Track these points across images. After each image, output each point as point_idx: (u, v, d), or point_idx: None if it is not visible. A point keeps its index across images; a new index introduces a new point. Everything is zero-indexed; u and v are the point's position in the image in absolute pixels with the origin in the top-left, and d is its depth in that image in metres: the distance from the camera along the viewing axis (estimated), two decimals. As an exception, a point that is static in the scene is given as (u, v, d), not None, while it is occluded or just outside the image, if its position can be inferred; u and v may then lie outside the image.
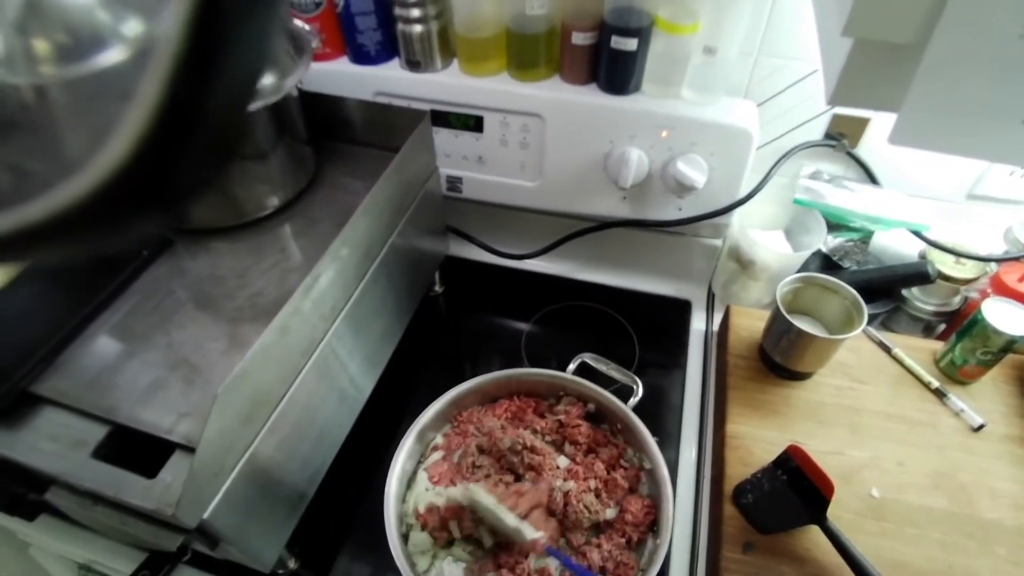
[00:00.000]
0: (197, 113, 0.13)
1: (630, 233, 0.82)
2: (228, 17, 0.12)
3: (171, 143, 0.13)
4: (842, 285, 0.66)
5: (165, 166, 0.13)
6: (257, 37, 0.13)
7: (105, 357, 0.54)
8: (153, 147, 0.12)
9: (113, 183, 0.13)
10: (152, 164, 0.13)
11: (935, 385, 0.69)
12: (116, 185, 0.13)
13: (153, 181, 0.13)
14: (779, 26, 0.68)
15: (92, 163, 0.13)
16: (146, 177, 0.13)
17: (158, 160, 0.13)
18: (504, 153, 0.78)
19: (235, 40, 0.12)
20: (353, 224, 0.56)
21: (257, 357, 0.46)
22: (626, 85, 0.70)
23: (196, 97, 0.12)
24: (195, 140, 0.13)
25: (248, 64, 0.13)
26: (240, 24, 0.12)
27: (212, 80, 0.12)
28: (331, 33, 0.75)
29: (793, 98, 0.72)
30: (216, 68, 0.12)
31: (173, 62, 0.12)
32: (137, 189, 0.13)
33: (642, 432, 0.59)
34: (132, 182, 0.13)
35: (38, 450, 0.48)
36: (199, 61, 0.12)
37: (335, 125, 0.73)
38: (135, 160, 0.12)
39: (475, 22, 0.71)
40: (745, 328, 0.74)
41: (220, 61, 0.12)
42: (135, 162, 0.12)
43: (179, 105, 0.12)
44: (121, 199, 0.13)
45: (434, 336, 0.83)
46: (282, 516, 0.56)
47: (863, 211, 0.74)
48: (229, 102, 0.13)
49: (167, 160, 0.13)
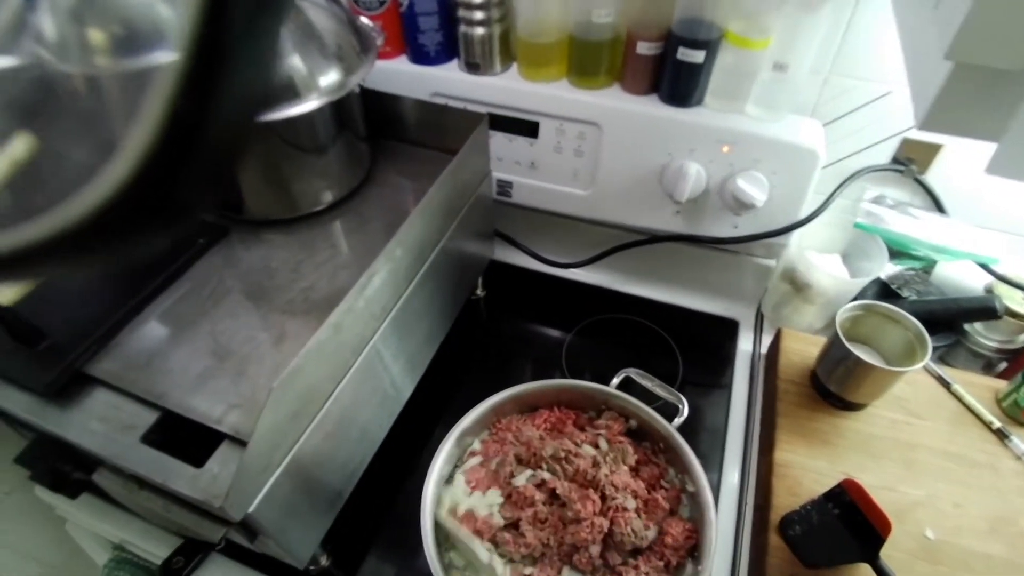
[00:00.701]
0: (198, 130, 0.13)
1: (681, 248, 0.80)
2: (230, 37, 0.12)
3: (173, 160, 0.13)
4: (905, 315, 0.63)
5: (168, 182, 0.13)
6: (259, 58, 0.13)
7: (158, 342, 0.54)
8: (155, 164, 0.13)
9: (117, 200, 0.13)
10: (155, 180, 0.13)
11: (996, 425, 0.66)
12: (120, 202, 0.13)
13: (156, 197, 0.13)
14: (853, 46, 0.66)
15: (96, 181, 0.13)
16: (149, 193, 0.13)
17: (161, 176, 0.13)
18: (558, 160, 0.77)
19: (237, 60, 0.12)
20: (408, 225, 0.56)
21: (311, 353, 0.46)
22: (689, 97, 0.69)
23: (198, 115, 0.13)
24: (197, 156, 0.13)
25: (250, 84, 0.13)
26: (242, 45, 0.12)
27: (214, 98, 0.13)
28: (392, 31, 0.75)
29: (862, 119, 0.70)
30: (218, 87, 0.12)
31: (175, 80, 0.12)
32: (140, 205, 0.13)
33: (687, 453, 0.57)
34: (135, 198, 0.13)
35: (89, 431, 0.49)
36: (201, 80, 0.12)
37: (391, 123, 0.73)
38: (138, 177, 0.13)
39: (538, 27, 0.70)
40: (796, 353, 0.72)
41: (222, 80, 0.12)
42: (138, 179, 0.13)
43: (180, 123, 0.12)
44: (125, 215, 0.13)
45: (473, 340, 0.83)
46: (320, 513, 0.56)
47: (927, 240, 0.72)
48: (231, 120, 0.13)
49: (169, 176, 0.13)
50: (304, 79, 0.56)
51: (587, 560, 0.55)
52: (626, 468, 0.60)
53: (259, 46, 0.13)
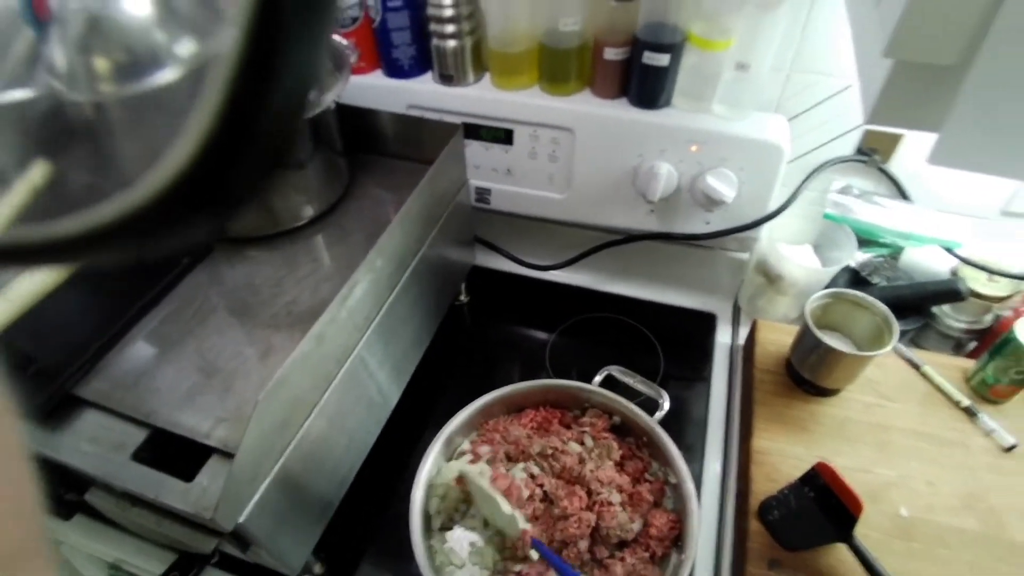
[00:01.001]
0: (257, 117, 0.13)
1: (656, 246, 0.82)
2: (287, 23, 0.12)
3: (232, 146, 0.13)
4: (873, 301, 0.65)
5: (226, 169, 0.13)
6: (313, 43, 0.13)
7: (145, 362, 0.55)
8: (215, 150, 0.13)
9: (178, 185, 0.13)
10: (214, 167, 0.13)
11: (966, 404, 0.68)
12: (181, 187, 0.13)
13: (214, 184, 0.14)
14: (812, 43, 0.68)
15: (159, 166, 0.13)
16: (208, 179, 0.13)
17: (220, 163, 0.13)
18: (533, 166, 0.79)
19: (294, 45, 0.13)
20: (388, 235, 0.57)
21: (296, 364, 0.47)
22: (657, 100, 0.71)
23: (257, 101, 0.13)
24: (255, 144, 0.13)
25: (305, 69, 0.13)
26: (298, 30, 0.13)
27: (272, 84, 0.13)
28: (366, 47, 0.77)
29: (825, 113, 0.72)
30: (276, 72, 0.13)
31: (235, 67, 0.12)
32: (199, 192, 0.13)
33: (668, 446, 0.59)
34: (195, 184, 0.13)
35: (80, 452, 0.50)
36: (259, 66, 0.12)
37: (369, 137, 0.74)
38: (199, 162, 0.13)
39: (508, 38, 0.72)
40: (772, 343, 0.74)
41: (279, 66, 0.13)
42: (199, 164, 0.13)
43: (240, 109, 0.13)
44: (184, 201, 0.13)
45: (459, 345, 0.84)
46: (311, 521, 0.57)
47: (894, 227, 0.74)
48: (287, 106, 0.13)
49: (228, 163, 0.13)
50: (279, 98, 0.57)
51: (576, 554, 0.57)
52: (611, 463, 0.61)
53: (314, 27, 0.13)
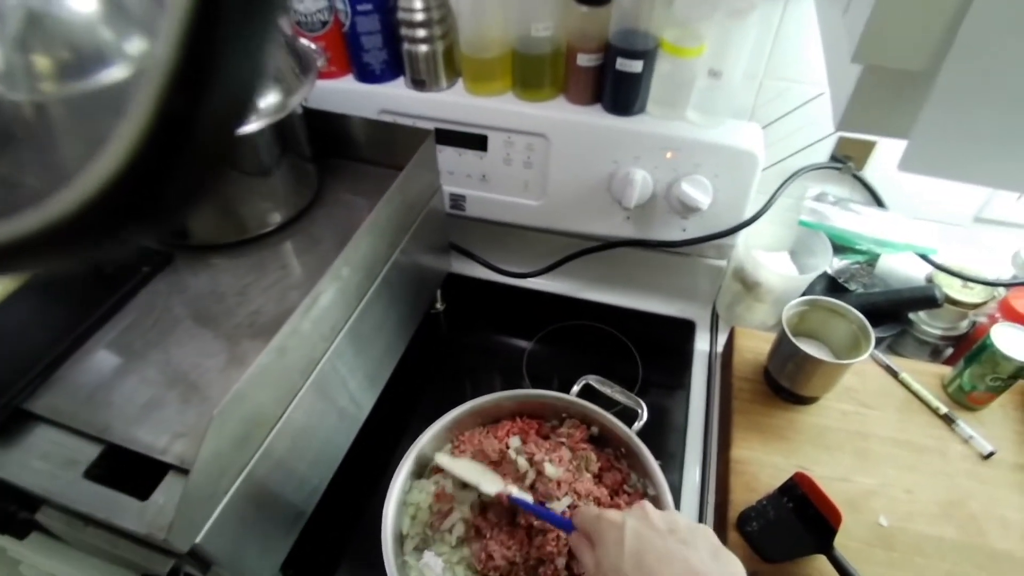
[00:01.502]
0: (188, 128, 0.13)
1: (634, 253, 0.81)
2: (222, 32, 0.12)
3: (162, 157, 0.13)
4: (849, 309, 0.65)
5: (156, 180, 0.13)
6: (252, 54, 0.13)
7: (101, 374, 0.53)
8: (144, 161, 0.12)
9: (104, 196, 0.13)
10: (143, 178, 0.13)
11: (943, 411, 0.68)
12: (107, 198, 0.13)
13: (143, 195, 0.13)
14: (784, 50, 0.68)
15: (84, 176, 0.13)
16: (136, 190, 0.13)
17: (149, 174, 0.13)
18: (508, 172, 0.78)
19: (228, 56, 0.12)
20: (355, 243, 0.56)
21: (254, 378, 0.45)
22: (631, 106, 0.70)
23: (188, 112, 0.12)
24: (186, 155, 0.13)
25: (242, 81, 0.13)
26: (234, 40, 0.12)
27: (204, 95, 0.12)
28: (337, 51, 0.76)
29: (798, 120, 0.72)
30: (208, 84, 0.12)
31: (165, 76, 0.12)
32: (127, 202, 0.13)
33: (647, 458, 0.58)
34: (122, 195, 0.13)
35: (29, 469, 0.47)
36: (191, 76, 0.12)
37: (339, 143, 0.73)
38: (126, 173, 0.12)
39: (481, 43, 0.71)
40: (750, 350, 0.73)
41: (212, 77, 0.12)
42: (126, 175, 0.12)
43: (170, 119, 0.12)
44: (111, 212, 0.13)
45: (435, 353, 0.82)
46: (278, 537, 0.55)
47: (869, 234, 0.74)
48: (221, 118, 0.13)
49: (158, 174, 0.13)
50: (243, 102, 0.55)
51: (553, 572, 0.55)
52: (589, 476, 0.60)
53: (253, 39, 0.13)
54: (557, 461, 0.58)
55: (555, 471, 0.57)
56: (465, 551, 0.56)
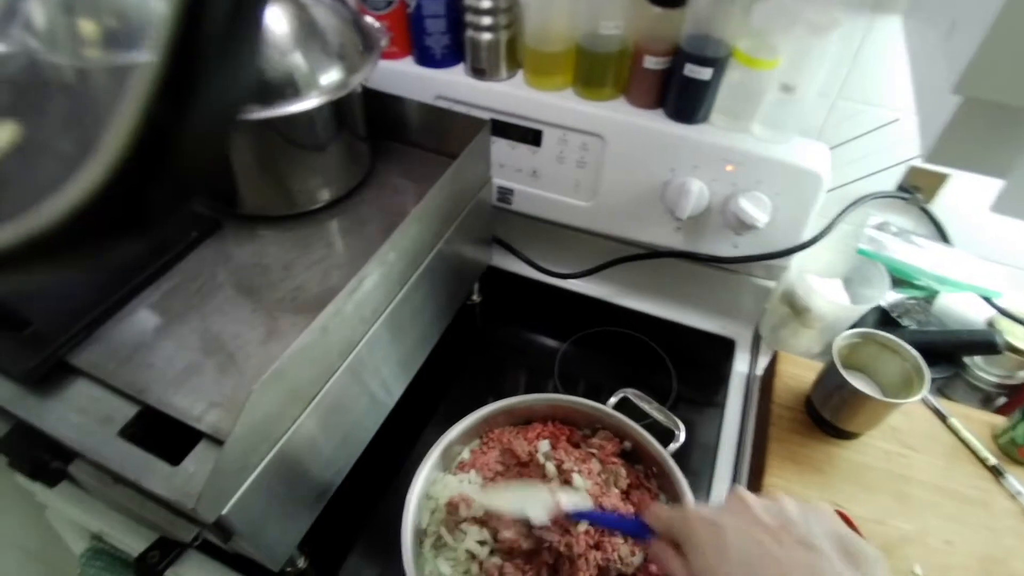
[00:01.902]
0: (172, 140, 0.13)
1: (679, 264, 0.79)
2: (207, 45, 0.12)
3: (146, 168, 0.13)
4: (905, 346, 0.62)
5: (139, 190, 0.13)
6: (237, 69, 0.13)
7: (143, 335, 0.53)
8: (129, 170, 0.12)
9: (89, 206, 0.13)
10: (127, 188, 0.13)
11: (992, 462, 0.64)
12: (91, 208, 0.13)
13: (127, 204, 0.13)
14: (863, 70, 0.65)
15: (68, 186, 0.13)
16: (121, 200, 0.13)
17: (132, 184, 0.13)
18: (560, 170, 0.76)
19: (214, 69, 0.12)
20: (403, 230, 0.55)
21: (295, 356, 0.45)
22: (695, 114, 0.68)
23: (172, 124, 0.12)
24: (169, 166, 0.13)
25: (227, 95, 0.13)
26: (220, 53, 0.12)
27: (189, 107, 0.12)
28: (399, 32, 0.75)
29: (868, 145, 0.69)
30: (193, 96, 0.12)
31: (150, 88, 0.12)
32: (112, 212, 0.13)
33: (679, 481, 0.56)
34: (107, 205, 0.13)
35: (66, 422, 0.48)
36: (176, 88, 0.12)
37: (393, 125, 0.72)
38: (111, 182, 0.12)
39: (546, 36, 0.70)
40: (792, 377, 0.71)
41: (198, 89, 0.12)
42: (110, 185, 0.12)
43: (155, 131, 0.12)
44: (96, 222, 0.13)
45: (467, 345, 0.82)
46: (298, 516, 0.55)
47: (931, 269, 0.71)
48: (206, 131, 0.13)
49: (141, 184, 0.13)
50: (305, 76, 0.55)
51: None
52: (617, 492, 0.58)
53: (237, 53, 0.13)
54: (586, 473, 0.57)
55: (583, 483, 0.56)
56: (474, 569, 0.54)
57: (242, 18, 0.12)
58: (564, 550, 0.52)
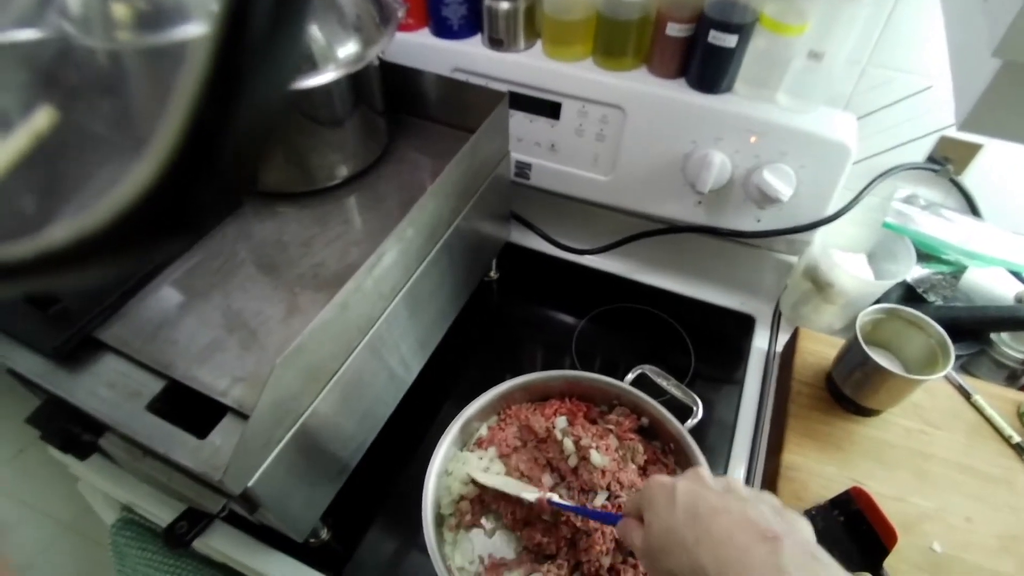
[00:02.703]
0: (220, 140, 0.13)
1: (699, 239, 0.78)
2: (252, 45, 0.12)
3: (194, 168, 0.13)
4: (930, 322, 0.61)
5: (188, 190, 0.13)
6: (281, 68, 0.13)
7: (167, 312, 0.54)
8: (176, 172, 0.13)
9: (137, 207, 0.13)
10: (175, 189, 0.13)
11: (1016, 440, 0.64)
12: (140, 209, 0.13)
13: (176, 205, 0.13)
14: (895, 36, 0.62)
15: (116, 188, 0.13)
16: (169, 201, 0.13)
17: (181, 185, 0.13)
18: (579, 143, 0.75)
19: (260, 69, 0.12)
20: (421, 205, 0.54)
21: (316, 332, 0.45)
22: (718, 83, 0.66)
23: (219, 124, 0.13)
24: (217, 166, 0.13)
25: (272, 93, 0.13)
26: (265, 53, 0.12)
27: (236, 108, 0.12)
28: (415, 3, 0.74)
29: (899, 114, 0.67)
30: (240, 96, 0.12)
31: (197, 89, 0.12)
32: (160, 213, 0.13)
33: (697, 457, 0.56)
34: (155, 206, 0.13)
35: (96, 396, 0.49)
36: (223, 89, 0.12)
37: (410, 98, 0.71)
38: (159, 185, 0.13)
39: (565, 3, 0.68)
40: (813, 353, 0.70)
41: (244, 89, 0.12)
42: (159, 186, 0.13)
43: (202, 131, 0.12)
44: (144, 223, 0.13)
45: (484, 321, 0.82)
46: (321, 489, 0.56)
47: (959, 243, 0.69)
48: (252, 130, 0.13)
49: (190, 185, 0.13)
50: (322, 49, 0.54)
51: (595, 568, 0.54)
52: (634, 467, 0.59)
53: (282, 52, 0.13)
54: (604, 449, 0.57)
55: (601, 459, 0.56)
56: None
57: (287, 18, 0.13)
58: (581, 524, 0.53)
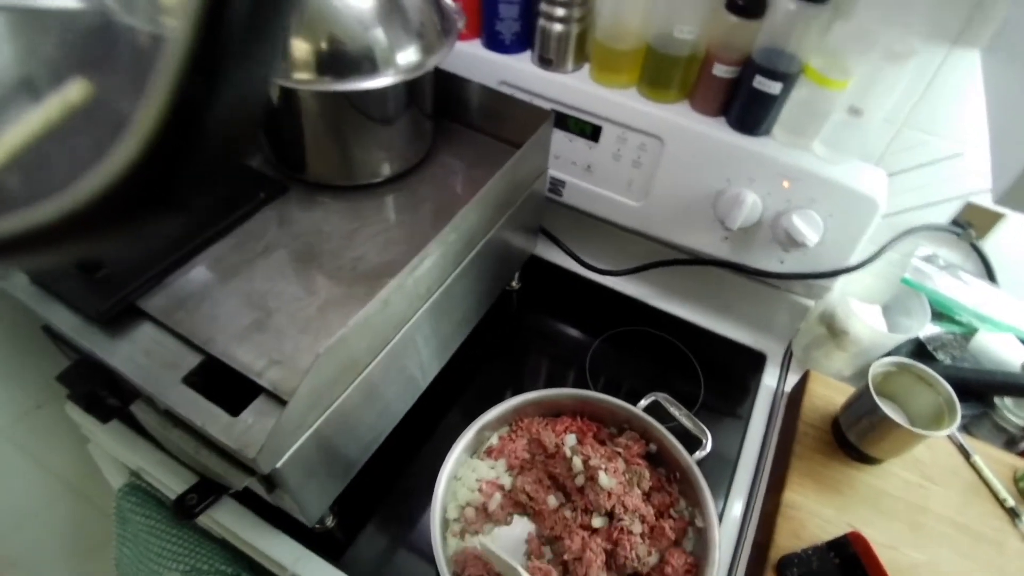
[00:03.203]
0: (204, 115, 0.13)
1: (721, 273, 0.80)
2: (237, 22, 0.12)
3: (177, 145, 0.13)
4: (939, 380, 0.63)
5: (172, 166, 0.13)
6: (266, 47, 0.13)
7: (208, 288, 0.55)
8: (159, 149, 0.13)
9: (123, 182, 0.13)
10: (160, 164, 0.13)
11: (1010, 504, 0.65)
12: (126, 183, 0.13)
13: (160, 181, 0.13)
14: (933, 101, 0.65)
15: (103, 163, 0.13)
16: (154, 177, 0.13)
17: (165, 160, 0.13)
18: (615, 167, 0.77)
19: (243, 45, 0.12)
20: (465, 213, 0.56)
21: (359, 325, 0.47)
22: (758, 127, 0.68)
23: (203, 102, 0.13)
24: (200, 144, 0.13)
25: (257, 72, 0.13)
26: (248, 29, 0.12)
27: (219, 85, 0.12)
28: (471, 14, 0.75)
29: (928, 176, 0.69)
30: (224, 73, 0.12)
31: (181, 66, 0.12)
32: (145, 188, 0.13)
33: (703, 489, 0.57)
34: (141, 181, 0.13)
35: (133, 362, 0.50)
36: (206, 63, 0.12)
37: (456, 106, 0.73)
38: (142, 161, 0.13)
39: (617, 32, 0.70)
40: (821, 397, 0.72)
41: (228, 67, 0.12)
42: (144, 162, 0.13)
43: (186, 109, 0.12)
44: (130, 198, 0.13)
45: (501, 330, 0.83)
46: (335, 478, 0.58)
47: (973, 306, 0.71)
48: (236, 109, 0.13)
49: (174, 161, 0.13)
50: (384, 52, 0.56)
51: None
52: (639, 492, 0.60)
53: (267, 30, 0.13)
54: (612, 471, 0.58)
55: (608, 481, 0.57)
56: None
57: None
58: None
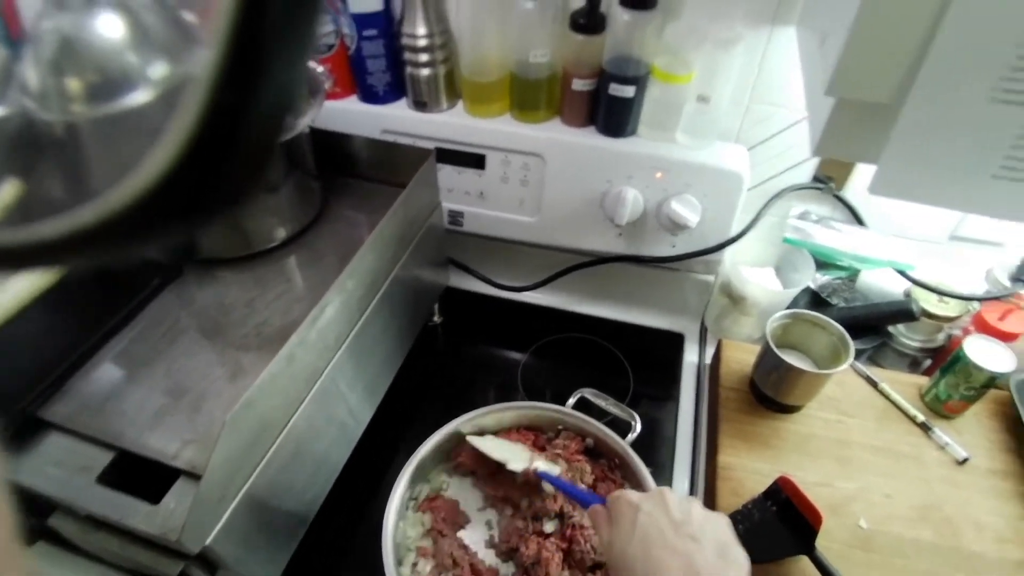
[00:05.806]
0: (240, 120, 0.13)
1: (625, 268, 0.84)
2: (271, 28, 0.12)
3: (215, 149, 0.13)
4: (829, 321, 0.68)
5: (209, 171, 0.13)
6: (296, 53, 0.14)
7: (112, 384, 0.55)
8: (198, 152, 0.13)
9: (161, 187, 0.13)
10: (197, 169, 0.13)
11: (920, 419, 0.71)
12: (164, 189, 0.13)
13: (198, 186, 0.14)
14: (769, 77, 0.72)
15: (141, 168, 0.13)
16: (191, 182, 0.13)
17: (203, 165, 0.13)
18: (505, 190, 0.81)
19: (277, 50, 0.13)
20: (359, 257, 0.58)
21: (264, 385, 0.47)
22: (623, 129, 0.74)
23: (238, 106, 0.13)
24: (238, 148, 0.13)
25: (287, 80, 0.14)
26: (281, 37, 0.13)
27: (255, 89, 0.13)
28: (342, 73, 0.79)
29: (782, 143, 0.76)
30: (258, 77, 0.13)
31: (218, 70, 0.12)
32: (183, 194, 0.13)
33: (639, 468, 0.60)
34: (179, 186, 0.13)
35: (44, 475, 0.49)
36: (242, 70, 0.13)
37: (343, 161, 0.75)
38: (182, 164, 0.13)
39: (480, 67, 0.75)
40: (736, 361, 0.76)
41: (263, 71, 0.13)
42: (182, 166, 0.13)
43: (223, 111, 0.13)
44: (168, 203, 0.13)
45: (432, 365, 0.85)
46: (280, 543, 0.57)
47: (850, 251, 0.77)
48: (270, 116, 0.14)
49: (211, 165, 0.13)
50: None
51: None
52: (583, 486, 0.62)
53: (299, 33, 0.13)
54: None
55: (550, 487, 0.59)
56: None
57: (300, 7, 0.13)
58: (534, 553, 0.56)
